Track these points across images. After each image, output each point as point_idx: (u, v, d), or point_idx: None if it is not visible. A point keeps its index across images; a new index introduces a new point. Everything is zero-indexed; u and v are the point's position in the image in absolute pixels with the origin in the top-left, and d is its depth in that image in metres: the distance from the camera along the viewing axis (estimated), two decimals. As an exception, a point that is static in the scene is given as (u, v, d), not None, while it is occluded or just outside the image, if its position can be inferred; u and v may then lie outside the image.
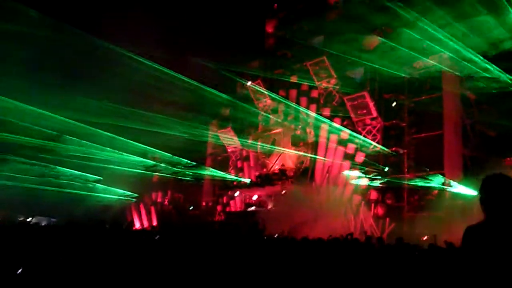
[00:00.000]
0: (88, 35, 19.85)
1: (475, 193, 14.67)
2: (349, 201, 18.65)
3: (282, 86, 24.32)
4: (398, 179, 18.00)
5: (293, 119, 23.35)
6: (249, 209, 22.77)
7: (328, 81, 21.84)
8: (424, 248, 8.02)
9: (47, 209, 23.43)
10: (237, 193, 24.56)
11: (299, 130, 23.11)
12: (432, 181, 16.97)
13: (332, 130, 20.80)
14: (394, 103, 19.45)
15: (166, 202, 28.83)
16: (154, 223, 26.49)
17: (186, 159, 26.11)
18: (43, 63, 20.03)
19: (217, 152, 27.85)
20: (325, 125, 21.17)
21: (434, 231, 12.81)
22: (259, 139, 25.11)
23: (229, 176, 25.96)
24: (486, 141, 16.81)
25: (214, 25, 23.59)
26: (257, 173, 24.29)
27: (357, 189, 18.94)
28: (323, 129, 21.26)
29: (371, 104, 19.33)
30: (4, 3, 17.77)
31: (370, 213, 17.95)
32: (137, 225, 26.94)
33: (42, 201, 23.58)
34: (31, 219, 22.85)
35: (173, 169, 26.48)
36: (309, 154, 21.98)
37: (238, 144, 26.10)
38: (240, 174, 25.69)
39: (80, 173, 26.31)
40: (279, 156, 23.76)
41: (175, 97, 21.89)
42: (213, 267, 7.55)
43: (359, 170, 18.96)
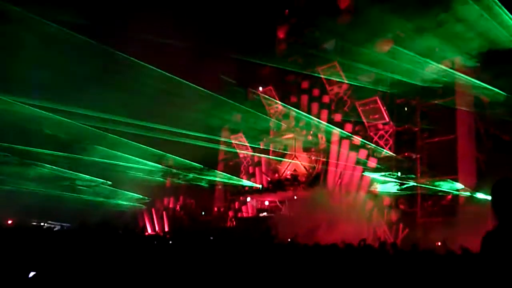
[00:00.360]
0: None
1: (489, 198, 14.52)
2: (362, 207, 18.53)
3: (294, 92, 24.38)
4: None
5: (305, 125, 23.32)
6: (261, 215, 22.77)
7: (340, 87, 21.81)
8: (439, 254, 7.94)
9: (63, 215, 23.72)
10: (249, 199, 24.56)
11: (311, 136, 23.06)
12: (446, 186, 16.80)
13: (344, 136, 20.72)
14: (406, 108, 19.34)
15: (178, 208, 28.96)
16: (166, 229, 26.64)
17: (199, 164, 26.23)
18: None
19: (229, 158, 27.92)
20: (337, 131, 21.10)
21: (448, 237, 12.66)
22: (271, 145, 25.12)
23: (241, 182, 25.99)
24: (500, 145, 16.61)
25: (226, 31, 23.75)
26: (269, 179, 24.28)
27: (370, 195, 18.82)
28: (335, 135, 21.19)
29: (383, 109, 19.25)
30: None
31: (384, 219, 17.81)
32: (150, 231, 27.10)
33: (60, 206, 23.94)
34: (44, 225, 23.18)
35: (186, 174, 26.63)
36: (321, 159, 21.93)
37: (250, 150, 26.16)
38: (252, 180, 25.71)
39: (97, 179, 26.64)
40: (291, 162, 23.74)
41: (189, 105, 22.10)
42: (223, 273, 7.56)
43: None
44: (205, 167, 26.35)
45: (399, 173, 18.50)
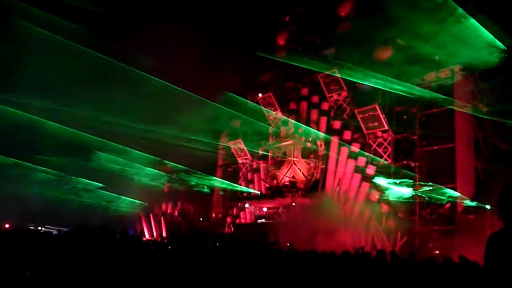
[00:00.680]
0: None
1: (488, 207, 14.55)
2: (360, 214, 18.48)
3: (293, 99, 24.43)
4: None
5: (304, 132, 23.31)
6: (259, 221, 22.69)
7: (339, 94, 21.86)
8: (438, 263, 7.91)
9: (61, 219, 23.68)
10: (247, 205, 24.49)
11: (310, 142, 23.04)
12: (444, 194, 16.77)
13: (342, 144, 20.71)
14: (405, 116, 19.35)
15: (176, 213, 28.87)
16: (164, 234, 26.53)
17: (198, 170, 26.25)
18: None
19: (228, 164, 27.89)
20: (336, 138, 21.11)
21: (447, 245, 12.64)
22: (270, 151, 25.11)
23: (239, 188, 25.94)
24: (499, 154, 16.61)
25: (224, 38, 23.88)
26: (268, 185, 24.24)
27: (368, 202, 18.78)
28: (334, 142, 21.19)
29: (382, 117, 19.26)
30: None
31: (382, 227, 17.74)
32: (147, 236, 26.99)
33: (57, 211, 23.97)
34: (41, 229, 23.12)
35: (185, 180, 26.65)
36: (320, 166, 21.91)
37: (249, 156, 26.16)
38: (251, 186, 25.66)
39: (98, 184, 26.70)
40: (290, 168, 23.71)
41: (190, 113, 22.37)
42: (220, 279, 7.53)
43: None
44: (204, 173, 26.34)
45: (398, 181, 18.47)
